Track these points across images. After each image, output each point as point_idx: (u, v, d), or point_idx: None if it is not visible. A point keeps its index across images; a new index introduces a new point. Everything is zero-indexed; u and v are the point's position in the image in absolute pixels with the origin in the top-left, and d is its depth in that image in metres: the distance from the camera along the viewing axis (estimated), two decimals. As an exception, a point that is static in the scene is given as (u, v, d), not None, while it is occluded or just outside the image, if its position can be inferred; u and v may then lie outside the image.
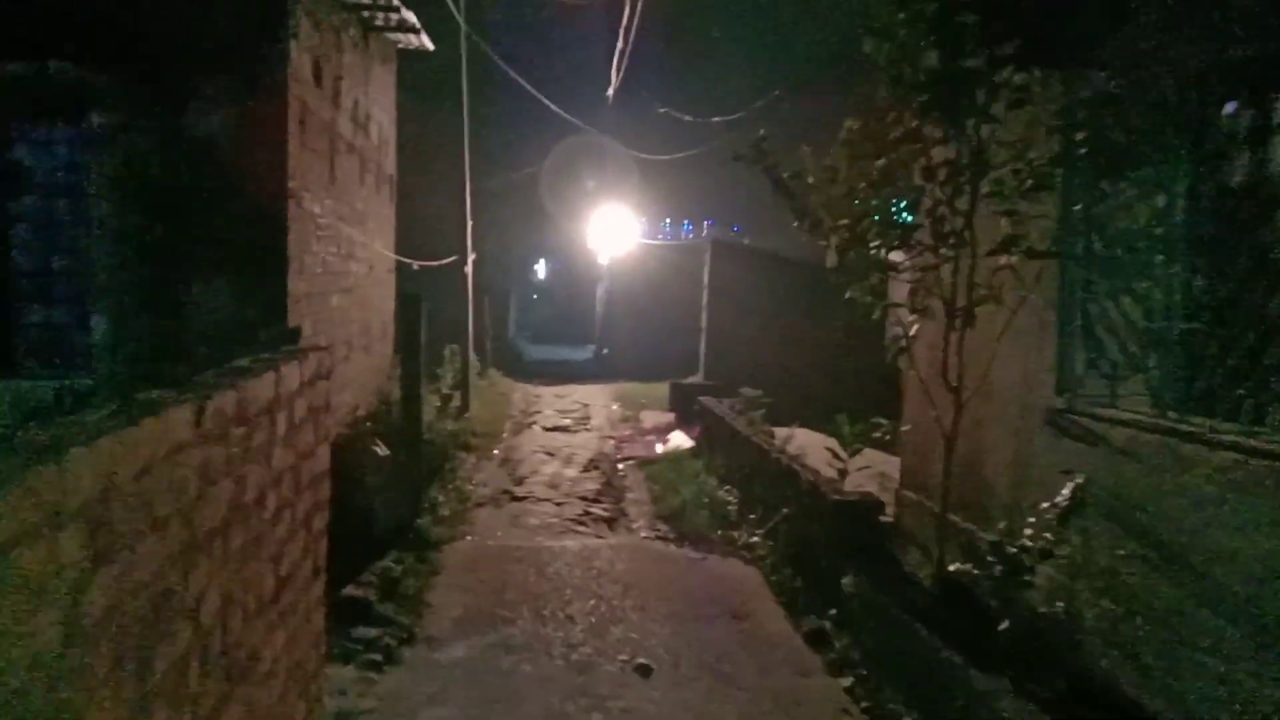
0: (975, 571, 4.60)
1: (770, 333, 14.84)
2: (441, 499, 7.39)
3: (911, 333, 5.29)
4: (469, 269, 12.07)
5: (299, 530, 3.05)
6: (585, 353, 24.76)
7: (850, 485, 6.46)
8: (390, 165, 8.88)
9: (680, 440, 11.14)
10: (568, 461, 10.20)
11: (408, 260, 8.52)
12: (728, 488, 8.23)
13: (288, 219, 4.93)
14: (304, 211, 5.29)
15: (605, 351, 22.75)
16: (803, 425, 11.62)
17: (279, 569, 2.80)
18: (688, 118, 11.89)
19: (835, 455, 6.62)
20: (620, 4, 12.26)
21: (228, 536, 2.21)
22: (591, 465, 10.01)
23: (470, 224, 12.20)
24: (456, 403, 12.08)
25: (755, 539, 7.00)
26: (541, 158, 21.47)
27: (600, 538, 7.24)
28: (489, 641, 4.86)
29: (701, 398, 10.61)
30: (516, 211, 23.09)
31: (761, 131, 5.10)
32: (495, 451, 10.74)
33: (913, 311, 5.12)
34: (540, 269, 34.68)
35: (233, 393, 2.26)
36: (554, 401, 15.27)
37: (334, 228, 6.12)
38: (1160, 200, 3.94)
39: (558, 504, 8.29)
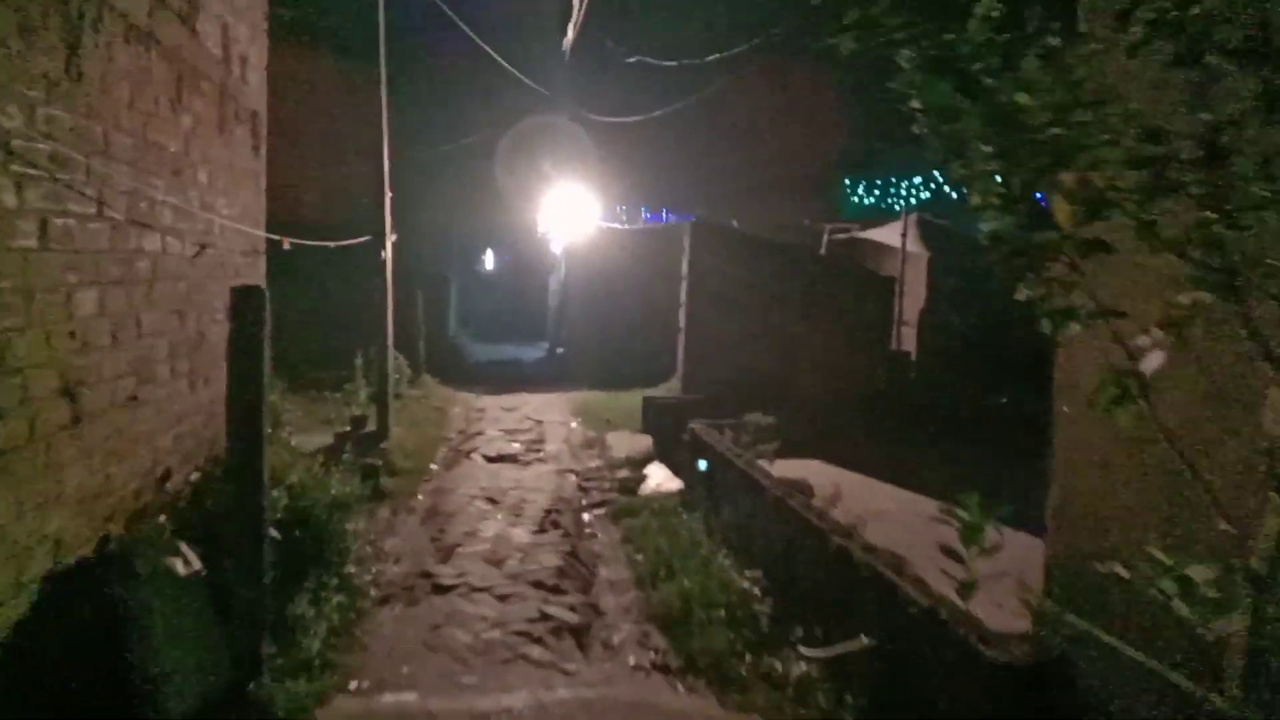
0: None
1: (761, 334, 12.40)
2: (313, 612, 4.67)
3: (1153, 364, 2.73)
4: (387, 253, 9.28)
5: None
6: (537, 351, 22.08)
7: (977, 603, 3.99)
8: (254, 99, 6.09)
9: (662, 478, 8.54)
10: (517, 514, 7.53)
11: (274, 237, 5.74)
12: (748, 571, 5.65)
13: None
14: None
15: (560, 351, 20.05)
16: (816, 455, 9.17)
17: None
18: (669, 63, 9.25)
19: (952, 556, 4.14)
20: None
21: None
22: (549, 520, 7.35)
23: (390, 195, 9.40)
24: (371, 428, 9.34)
25: (806, 670, 4.46)
26: (489, 129, 18.76)
27: (566, 674, 4.59)
28: None
29: (693, 425, 8.00)
30: (460, 192, 20.43)
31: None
32: (419, 497, 8.03)
33: (1164, 326, 2.63)
34: (488, 260, 31.93)
35: None
36: (500, 417, 12.53)
37: (83, 169, 3.39)
38: None
39: (501, 597, 5.64)
